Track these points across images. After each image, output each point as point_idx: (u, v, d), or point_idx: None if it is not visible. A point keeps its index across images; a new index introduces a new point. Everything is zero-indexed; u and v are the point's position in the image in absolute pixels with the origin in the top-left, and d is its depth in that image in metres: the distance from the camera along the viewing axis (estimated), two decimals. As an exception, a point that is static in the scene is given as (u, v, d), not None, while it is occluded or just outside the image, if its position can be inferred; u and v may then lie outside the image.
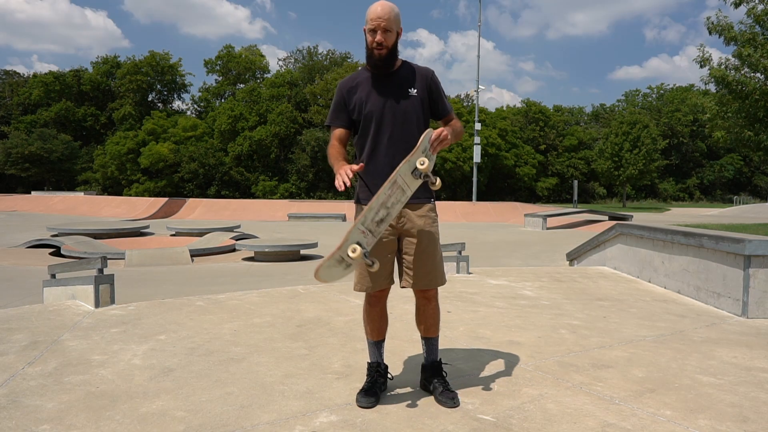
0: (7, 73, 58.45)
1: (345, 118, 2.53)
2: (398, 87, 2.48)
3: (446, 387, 2.49)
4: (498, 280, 5.92)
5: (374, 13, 2.39)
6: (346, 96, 2.52)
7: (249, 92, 50.62)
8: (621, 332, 3.72)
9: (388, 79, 2.49)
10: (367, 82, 2.50)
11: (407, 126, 2.46)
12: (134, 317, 4.05)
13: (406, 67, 2.55)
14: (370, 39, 2.41)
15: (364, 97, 2.48)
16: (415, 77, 2.52)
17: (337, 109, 2.54)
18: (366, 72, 2.53)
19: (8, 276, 9.56)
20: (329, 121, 2.57)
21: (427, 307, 2.58)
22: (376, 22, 2.38)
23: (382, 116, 2.45)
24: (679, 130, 58.85)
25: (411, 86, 2.50)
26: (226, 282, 8.65)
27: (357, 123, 2.52)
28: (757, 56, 12.35)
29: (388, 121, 2.45)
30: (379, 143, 2.46)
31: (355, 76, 2.56)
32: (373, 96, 2.47)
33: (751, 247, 4.11)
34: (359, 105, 2.48)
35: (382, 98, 2.46)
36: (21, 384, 2.68)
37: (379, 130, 2.46)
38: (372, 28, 2.39)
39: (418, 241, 2.48)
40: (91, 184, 50.09)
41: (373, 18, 2.38)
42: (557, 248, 12.87)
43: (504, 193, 51.78)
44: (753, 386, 2.70)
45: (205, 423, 2.24)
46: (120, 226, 18.26)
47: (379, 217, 2.23)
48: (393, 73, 2.50)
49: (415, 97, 2.50)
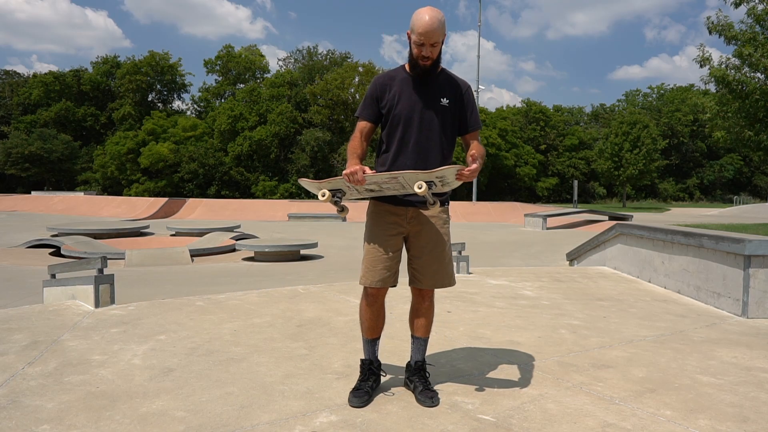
0: (7, 73, 58.48)
1: (374, 112, 2.53)
2: (432, 94, 2.48)
3: (426, 386, 2.51)
4: (498, 280, 5.91)
5: (422, 26, 2.32)
6: (380, 92, 2.51)
7: (249, 92, 50.63)
8: (621, 332, 3.72)
9: (423, 84, 2.49)
10: (404, 82, 2.50)
11: (432, 134, 2.47)
12: (134, 317, 4.05)
13: (444, 75, 2.54)
14: (417, 51, 2.39)
15: (397, 96, 2.47)
16: (450, 88, 2.52)
17: (369, 102, 2.53)
18: (404, 72, 2.52)
19: (8, 276, 9.56)
20: (358, 112, 2.56)
21: (422, 306, 2.60)
22: (425, 37, 2.33)
23: (410, 120, 2.46)
24: (679, 130, 58.85)
25: (444, 95, 2.50)
26: (226, 282, 8.65)
27: (385, 119, 2.52)
28: (758, 56, 12.35)
29: (415, 126, 2.46)
30: (404, 146, 2.47)
31: (392, 74, 2.55)
32: (406, 97, 2.47)
33: (751, 247, 4.11)
34: (391, 103, 2.48)
35: (414, 102, 2.46)
36: (21, 384, 2.68)
37: (406, 134, 2.46)
38: (420, 42, 2.36)
39: (427, 241, 2.50)
40: (91, 184, 50.09)
41: (421, 32, 2.33)
42: (557, 248, 12.87)
43: (504, 193, 51.78)
44: (753, 386, 2.70)
45: (205, 423, 2.24)
46: (120, 226, 18.25)
47: (370, 188, 2.39)
48: (429, 79, 2.50)
49: (446, 107, 2.50)
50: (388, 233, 2.49)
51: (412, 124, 2.45)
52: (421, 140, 2.46)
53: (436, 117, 2.47)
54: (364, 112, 2.54)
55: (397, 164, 2.46)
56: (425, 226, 2.50)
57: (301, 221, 24.46)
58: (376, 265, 2.48)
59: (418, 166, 2.42)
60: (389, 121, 2.49)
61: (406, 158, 2.45)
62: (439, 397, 2.48)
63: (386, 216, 2.51)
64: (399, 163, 2.46)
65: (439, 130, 2.48)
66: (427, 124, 2.46)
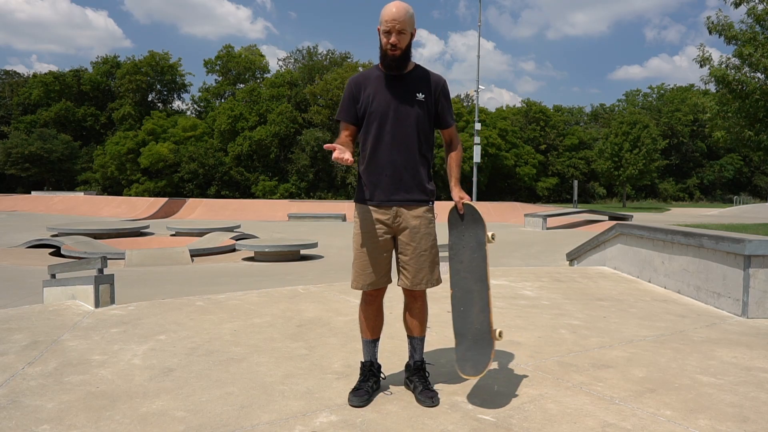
0: (7, 73, 58.46)
1: (353, 113, 2.53)
2: (406, 90, 2.49)
3: (426, 386, 2.51)
4: (498, 280, 5.91)
5: (389, 14, 2.38)
6: (356, 91, 2.52)
7: (249, 92, 50.61)
8: (621, 332, 3.72)
9: (398, 80, 2.49)
10: (377, 80, 2.50)
11: (408, 129, 2.48)
12: (134, 317, 4.05)
13: (419, 71, 2.55)
14: (385, 40, 2.41)
15: (372, 95, 2.48)
16: (425, 83, 2.53)
17: (347, 104, 2.54)
18: (378, 71, 2.53)
19: (8, 276, 9.56)
20: (338, 115, 2.57)
21: (413, 306, 2.60)
22: (390, 24, 2.37)
23: (385, 116, 2.46)
24: (679, 130, 58.85)
25: (419, 91, 2.51)
26: (226, 282, 8.65)
27: (362, 118, 2.53)
28: (758, 56, 12.34)
29: (391, 122, 2.46)
30: (381, 143, 2.47)
31: (367, 74, 2.55)
32: (381, 95, 2.48)
33: (751, 247, 4.11)
34: (366, 102, 2.49)
35: (389, 99, 2.47)
36: (21, 384, 2.68)
37: (382, 129, 2.47)
38: (386, 29, 2.39)
39: (413, 241, 2.50)
40: (91, 184, 50.08)
41: (387, 19, 2.38)
42: (557, 248, 12.87)
43: (504, 193, 51.78)
44: (753, 386, 2.70)
45: (205, 423, 2.24)
46: (120, 226, 18.25)
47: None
48: (404, 75, 2.50)
49: (422, 102, 2.51)
50: (375, 235, 2.49)
51: (387, 119, 2.46)
52: (397, 135, 2.46)
53: (412, 111, 2.48)
54: (343, 114, 2.55)
55: (376, 159, 2.47)
56: (410, 226, 2.50)
57: (301, 221, 24.46)
58: (365, 268, 2.49)
59: (399, 161, 2.45)
60: (366, 118, 2.50)
61: (385, 154, 2.47)
62: (439, 397, 2.48)
63: (372, 217, 2.50)
64: (378, 157, 2.47)
65: (415, 124, 2.49)
66: (403, 118, 2.47)
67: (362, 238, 2.51)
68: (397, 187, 2.47)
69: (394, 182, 2.47)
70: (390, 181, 2.47)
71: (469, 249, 2.54)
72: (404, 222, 2.49)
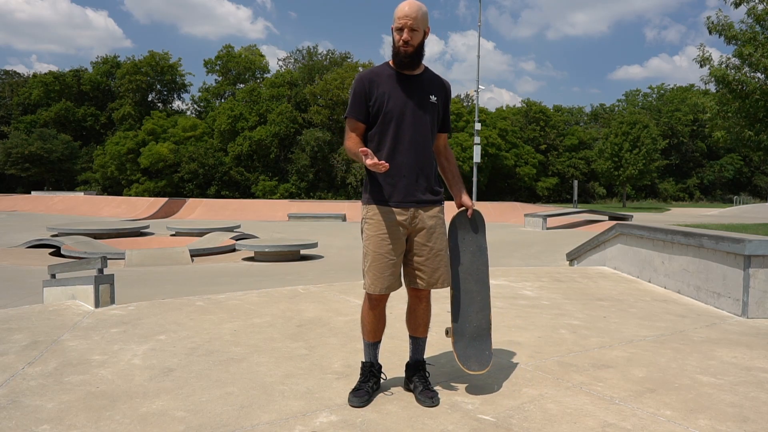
0: (7, 73, 58.46)
1: (364, 110, 2.48)
2: (421, 91, 2.49)
3: (426, 386, 2.50)
4: (498, 280, 5.91)
5: (402, 11, 2.38)
6: (368, 88, 2.46)
7: (249, 92, 50.59)
8: (621, 332, 3.72)
9: (411, 80, 2.48)
10: (390, 79, 2.47)
11: (424, 131, 2.48)
12: (134, 317, 4.05)
13: (429, 73, 2.56)
14: (397, 37, 2.41)
15: (387, 94, 2.44)
16: (436, 86, 2.55)
17: (358, 101, 2.48)
18: (389, 69, 2.50)
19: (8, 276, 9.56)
20: (349, 113, 2.50)
21: (419, 307, 2.60)
22: (403, 20, 2.37)
23: (403, 117, 2.44)
24: (679, 130, 58.84)
25: (432, 93, 2.51)
26: (226, 282, 8.65)
27: (374, 116, 2.48)
28: (758, 56, 12.34)
29: (409, 123, 2.45)
30: (399, 144, 2.44)
31: (377, 71, 2.51)
32: (396, 95, 2.45)
33: (751, 247, 4.11)
34: (381, 100, 2.44)
35: (405, 99, 2.45)
36: (21, 384, 2.68)
37: (399, 131, 2.44)
38: (399, 26, 2.39)
39: (429, 241, 2.49)
40: (91, 184, 50.07)
41: (400, 16, 2.37)
42: (557, 248, 12.87)
43: (504, 193, 51.77)
44: (753, 386, 2.70)
45: (205, 423, 2.24)
46: (120, 226, 18.25)
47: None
48: (416, 76, 2.50)
49: (434, 104, 2.52)
50: (396, 236, 2.45)
51: (404, 120, 2.44)
52: (416, 137, 2.46)
53: (426, 114, 2.48)
54: (355, 112, 2.49)
55: (394, 160, 2.44)
56: (427, 226, 2.50)
57: (301, 221, 24.46)
58: (384, 271, 2.44)
59: (416, 162, 2.45)
60: (380, 118, 2.45)
61: (403, 156, 2.44)
62: (439, 397, 2.48)
63: (393, 218, 2.45)
64: (397, 160, 2.44)
65: (429, 126, 2.50)
66: (419, 120, 2.46)
67: (382, 240, 2.44)
68: (414, 188, 2.46)
69: (411, 183, 2.46)
70: (407, 183, 2.45)
71: (470, 253, 2.62)
72: (421, 222, 2.49)
